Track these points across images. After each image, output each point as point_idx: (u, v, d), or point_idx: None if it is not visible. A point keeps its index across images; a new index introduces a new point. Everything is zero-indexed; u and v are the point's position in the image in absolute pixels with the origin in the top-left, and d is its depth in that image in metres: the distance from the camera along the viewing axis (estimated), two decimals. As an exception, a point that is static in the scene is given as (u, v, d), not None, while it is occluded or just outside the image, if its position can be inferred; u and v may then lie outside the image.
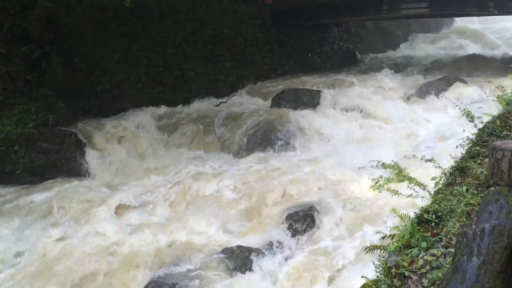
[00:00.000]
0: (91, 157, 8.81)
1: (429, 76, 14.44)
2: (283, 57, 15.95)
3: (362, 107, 11.19)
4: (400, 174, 3.14)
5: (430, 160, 3.31)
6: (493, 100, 5.31)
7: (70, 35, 11.84)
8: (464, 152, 3.26)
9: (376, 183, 3.20)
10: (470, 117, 3.85)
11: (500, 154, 1.99)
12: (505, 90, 4.91)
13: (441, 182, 2.93)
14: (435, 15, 16.83)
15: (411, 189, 3.08)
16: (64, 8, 11.88)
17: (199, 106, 12.95)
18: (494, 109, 9.66)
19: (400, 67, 17.09)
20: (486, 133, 3.37)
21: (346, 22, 18.12)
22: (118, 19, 12.54)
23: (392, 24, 22.92)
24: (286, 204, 6.46)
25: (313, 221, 5.89)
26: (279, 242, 5.72)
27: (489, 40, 21.47)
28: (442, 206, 2.48)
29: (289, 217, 6.02)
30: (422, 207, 2.52)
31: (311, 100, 11.88)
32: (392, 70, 14.47)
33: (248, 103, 13.18)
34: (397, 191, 3.10)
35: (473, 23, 27.28)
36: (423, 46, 22.48)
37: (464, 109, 3.97)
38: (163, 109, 12.24)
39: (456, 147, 3.43)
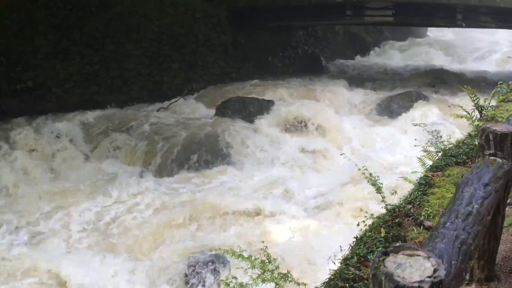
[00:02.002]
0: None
1: (393, 89, 13.67)
2: (239, 60, 14.88)
3: (313, 123, 10.22)
4: (263, 266, 2.10)
5: (286, 277, 2.26)
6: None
7: (-12, 24, 10.49)
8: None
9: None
10: (377, 188, 2.88)
11: None
12: (428, 153, 3.81)
13: None
14: (401, 23, 16.08)
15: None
16: (-18, -7, 10.52)
17: (136, 111, 11.77)
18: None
19: (365, 77, 16.29)
20: (356, 256, 2.21)
21: (311, 26, 17.17)
22: (48, 8, 11.23)
23: (363, 30, 22.14)
24: (187, 247, 5.38)
25: (215, 274, 4.86)
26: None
27: (459, 53, 20.91)
28: None
29: (188, 268, 4.97)
30: None
31: (259, 111, 10.87)
32: (346, 82, 13.56)
33: (192, 110, 12.08)
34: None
35: (447, 32, 26.86)
36: (393, 54, 21.75)
37: (370, 175, 2.98)
38: (93, 113, 11.01)
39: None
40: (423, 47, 22.19)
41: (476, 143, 3.29)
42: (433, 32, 27.92)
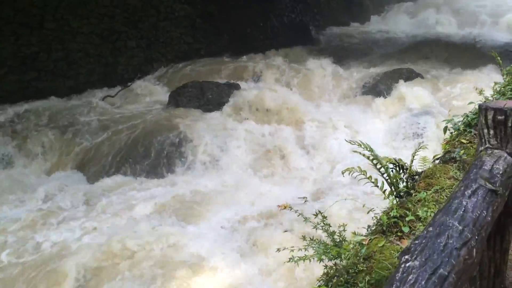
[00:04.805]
0: None
1: (387, 64, 12.27)
2: (210, 34, 13.52)
3: (277, 114, 8.96)
4: None
5: None
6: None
7: None
8: None
9: None
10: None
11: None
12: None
13: None
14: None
15: None
16: None
17: (83, 98, 10.65)
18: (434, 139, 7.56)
19: (359, 49, 14.84)
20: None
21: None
22: (-29, -18, 9.99)
23: (363, -8, 20.42)
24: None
25: None
26: None
27: (470, 16, 19.06)
28: None
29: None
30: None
31: (218, 99, 9.67)
32: (334, 57, 12.17)
33: (148, 96, 10.91)
34: None
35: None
36: (398, 20, 20.04)
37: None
38: (28, 105, 9.96)
39: None
40: (431, 10, 20.38)
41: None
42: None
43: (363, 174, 2.37)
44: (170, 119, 8.88)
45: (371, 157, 2.40)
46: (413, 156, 2.52)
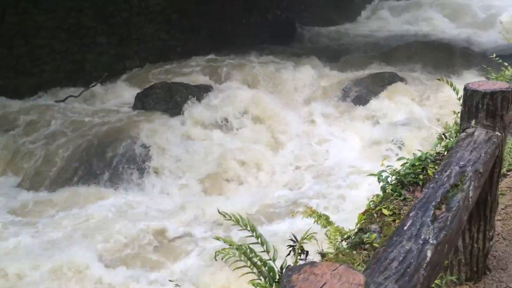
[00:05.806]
0: None
1: (370, 66, 11.76)
2: (186, 31, 12.96)
3: (250, 121, 8.42)
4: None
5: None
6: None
7: None
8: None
9: None
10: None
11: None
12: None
13: None
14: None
15: None
16: None
17: (45, 99, 10.10)
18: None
19: (344, 49, 14.32)
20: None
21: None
22: None
23: (353, -12, 19.81)
24: None
25: None
26: None
27: (465, 15, 18.52)
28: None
29: None
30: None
31: (186, 101, 9.14)
32: (316, 58, 11.66)
33: (115, 96, 10.39)
34: None
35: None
36: (388, 18, 19.49)
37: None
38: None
39: None
40: (425, 9, 19.81)
41: None
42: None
43: (244, 262, 1.83)
44: (129, 125, 8.34)
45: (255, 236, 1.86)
46: (301, 243, 1.94)
